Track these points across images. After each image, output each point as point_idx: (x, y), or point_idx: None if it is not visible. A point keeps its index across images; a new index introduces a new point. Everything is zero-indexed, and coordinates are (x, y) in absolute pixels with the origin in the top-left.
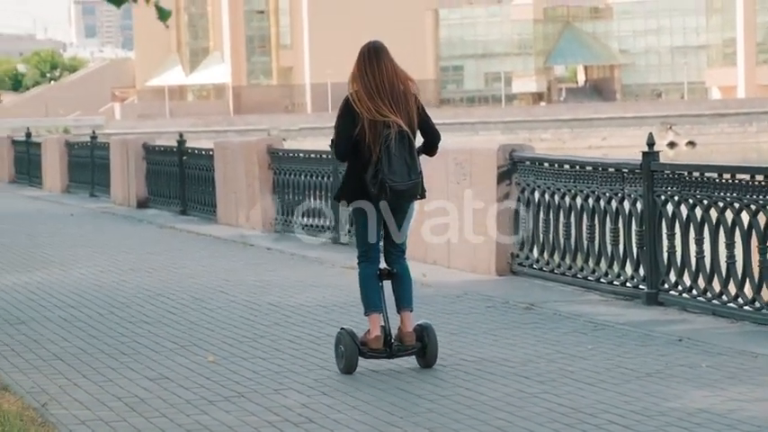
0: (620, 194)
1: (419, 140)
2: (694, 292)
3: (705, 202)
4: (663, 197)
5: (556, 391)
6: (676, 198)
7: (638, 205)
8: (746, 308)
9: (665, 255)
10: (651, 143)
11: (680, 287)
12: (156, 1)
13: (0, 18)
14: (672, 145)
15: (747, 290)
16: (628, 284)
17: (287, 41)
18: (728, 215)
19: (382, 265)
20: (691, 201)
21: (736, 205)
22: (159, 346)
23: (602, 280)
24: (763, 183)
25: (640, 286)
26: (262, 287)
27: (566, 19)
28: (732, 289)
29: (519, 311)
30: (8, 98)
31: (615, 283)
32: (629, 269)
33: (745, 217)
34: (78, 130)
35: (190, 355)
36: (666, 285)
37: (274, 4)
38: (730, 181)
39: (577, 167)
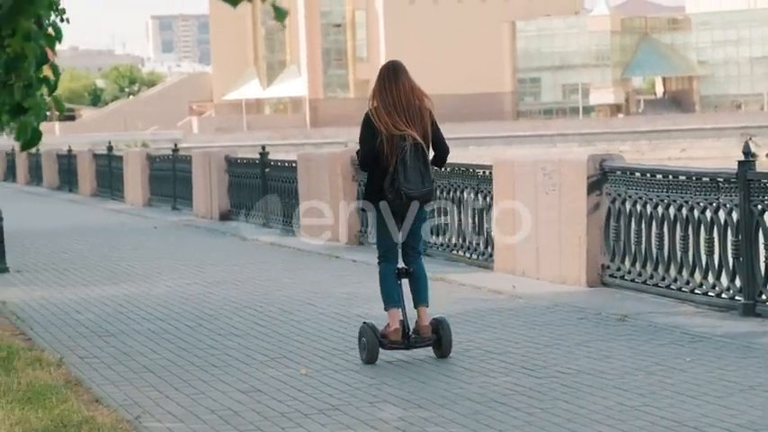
0: (714, 204)
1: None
2: None
3: None
4: (759, 206)
5: (657, 404)
6: None
7: (734, 215)
8: None
9: (763, 265)
10: (747, 152)
11: None
12: (273, 0)
13: (79, 34)
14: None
15: None
16: (723, 295)
17: (363, 54)
18: None
19: (400, 264)
20: None
21: None
22: (250, 359)
23: (696, 291)
24: None
25: (737, 297)
26: (349, 299)
27: (643, 30)
28: None
29: (612, 323)
30: (87, 113)
31: (710, 294)
32: (724, 280)
33: None
34: (156, 144)
35: (281, 368)
36: (764, 296)
37: (351, 17)
38: None
39: (670, 177)
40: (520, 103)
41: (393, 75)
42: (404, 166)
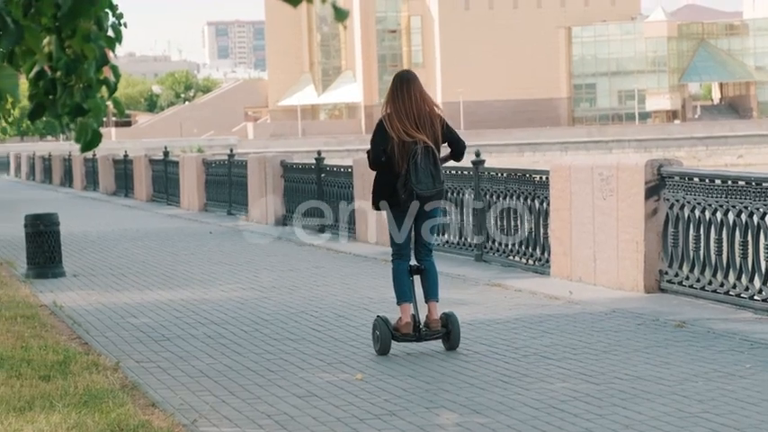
0: None
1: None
2: None
3: None
4: None
5: (717, 410)
6: None
7: None
8: None
9: None
10: None
11: None
12: (333, 1)
13: (136, 40)
14: None
15: None
16: None
17: (419, 60)
18: None
19: (413, 261)
20: None
21: None
22: (306, 364)
23: (755, 297)
24: None
25: None
26: None
27: (700, 36)
28: None
29: (670, 329)
30: (143, 119)
31: None
32: None
33: None
34: (212, 150)
35: (337, 373)
36: None
37: (406, 23)
38: None
39: (729, 182)
40: (576, 108)
41: (405, 84)
42: (415, 168)
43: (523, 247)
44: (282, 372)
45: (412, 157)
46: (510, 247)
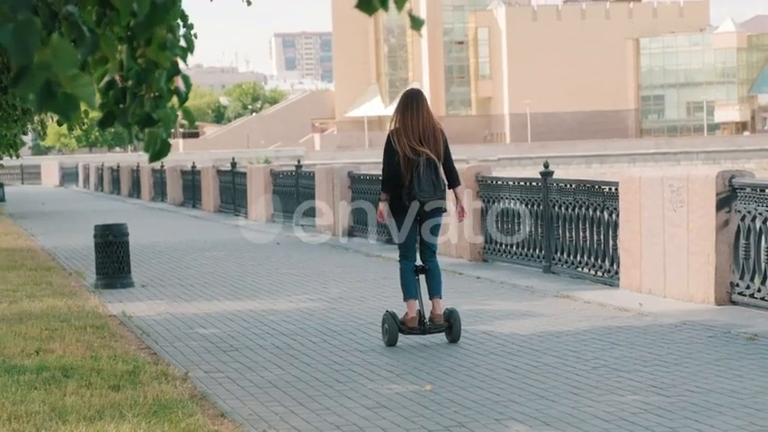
0: None
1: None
2: None
3: None
4: None
5: None
6: None
7: None
8: None
9: None
10: None
11: None
12: (410, 10)
13: (204, 52)
14: None
15: None
16: None
17: (486, 72)
18: None
19: (418, 262)
20: None
21: None
22: (374, 375)
23: None
24: None
25: None
26: (474, 316)
27: None
28: None
29: (742, 342)
30: (211, 130)
31: None
32: None
33: None
34: (279, 161)
35: (406, 384)
36: None
37: (473, 34)
38: None
39: None
40: (644, 120)
41: (414, 102)
42: (418, 179)
43: (592, 259)
44: (351, 383)
45: (415, 169)
46: (578, 258)
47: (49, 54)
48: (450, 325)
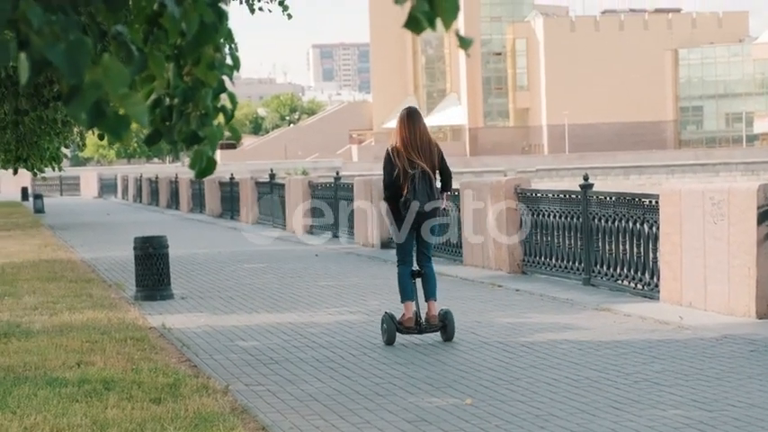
0: None
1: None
2: None
3: None
4: None
5: None
6: None
7: None
8: None
9: None
10: None
11: None
12: (456, 30)
13: (242, 63)
14: None
15: None
16: None
17: (523, 83)
18: None
19: (415, 267)
20: None
21: None
22: (414, 388)
23: None
24: None
25: None
26: (513, 329)
27: None
28: None
29: None
30: (248, 141)
31: None
32: None
33: None
34: (316, 172)
35: (446, 397)
36: None
37: (511, 45)
38: None
39: None
40: (682, 131)
41: (412, 120)
42: (414, 189)
43: (632, 272)
44: (391, 396)
45: (411, 181)
46: (618, 271)
47: (101, 73)
48: (444, 325)
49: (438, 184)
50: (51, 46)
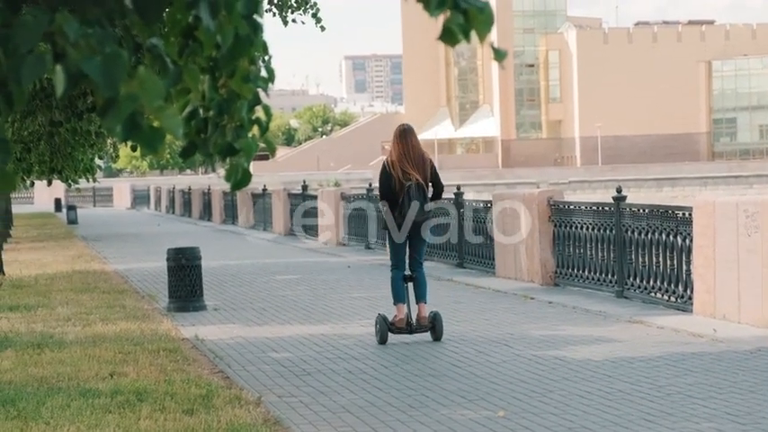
0: None
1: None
2: None
3: None
4: None
5: None
6: None
7: None
8: None
9: None
10: None
11: None
12: (491, 42)
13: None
14: None
15: None
16: None
17: (556, 95)
18: None
19: (407, 271)
20: None
21: None
22: (447, 400)
23: None
24: None
25: None
26: (546, 341)
27: None
28: None
29: None
30: (281, 152)
31: None
32: None
33: None
34: (349, 184)
35: (478, 410)
36: None
37: (544, 57)
38: None
39: None
40: (715, 143)
41: (406, 135)
42: (408, 199)
43: (665, 284)
44: (424, 408)
45: (406, 192)
46: (651, 283)
47: (136, 86)
48: (433, 326)
49: (430, 194)
50: (87, 59)
